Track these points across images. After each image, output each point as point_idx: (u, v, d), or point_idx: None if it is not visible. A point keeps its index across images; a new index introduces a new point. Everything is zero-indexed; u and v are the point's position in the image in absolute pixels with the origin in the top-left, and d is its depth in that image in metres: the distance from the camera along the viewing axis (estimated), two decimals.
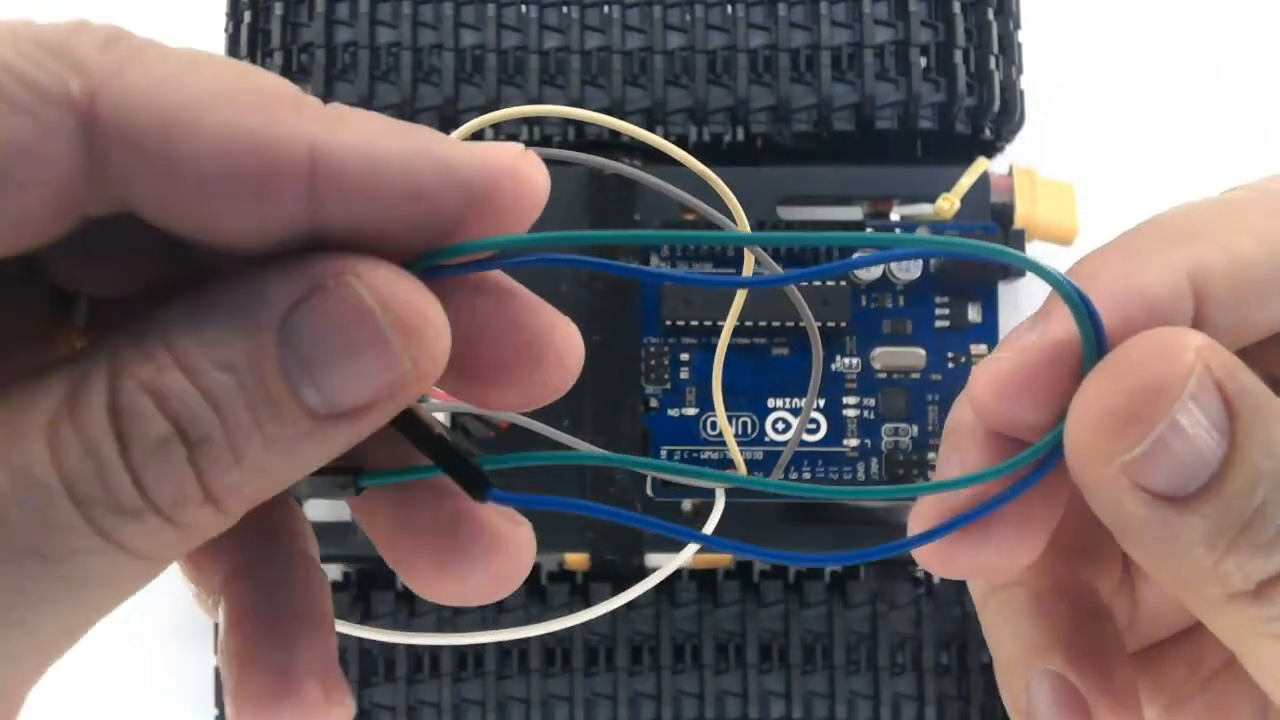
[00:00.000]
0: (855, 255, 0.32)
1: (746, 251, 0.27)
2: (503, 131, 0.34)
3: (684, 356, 0.32)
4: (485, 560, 0.16)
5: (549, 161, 0.20)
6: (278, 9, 0.34)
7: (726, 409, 0.31)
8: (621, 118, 0.30)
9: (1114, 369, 0.15)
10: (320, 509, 0.33)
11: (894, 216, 0.34)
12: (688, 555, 0.21)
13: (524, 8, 0.34)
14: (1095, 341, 0.15)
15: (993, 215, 0.33)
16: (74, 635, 0.14)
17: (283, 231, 0.13)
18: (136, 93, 0.12)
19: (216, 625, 0.16)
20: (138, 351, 0.13)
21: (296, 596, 0.16)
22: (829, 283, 0.32)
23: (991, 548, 0.16)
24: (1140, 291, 0.15)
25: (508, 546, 0.16)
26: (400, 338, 0.13)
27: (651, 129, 0.33)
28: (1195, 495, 0.14)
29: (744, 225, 0.20)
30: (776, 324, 0.31)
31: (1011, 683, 0.18)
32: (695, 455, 0.32)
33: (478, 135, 0.32)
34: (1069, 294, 0.15)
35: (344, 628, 0.19)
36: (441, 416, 0.30)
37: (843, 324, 0.32)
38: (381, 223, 0.13)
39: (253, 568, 0.16)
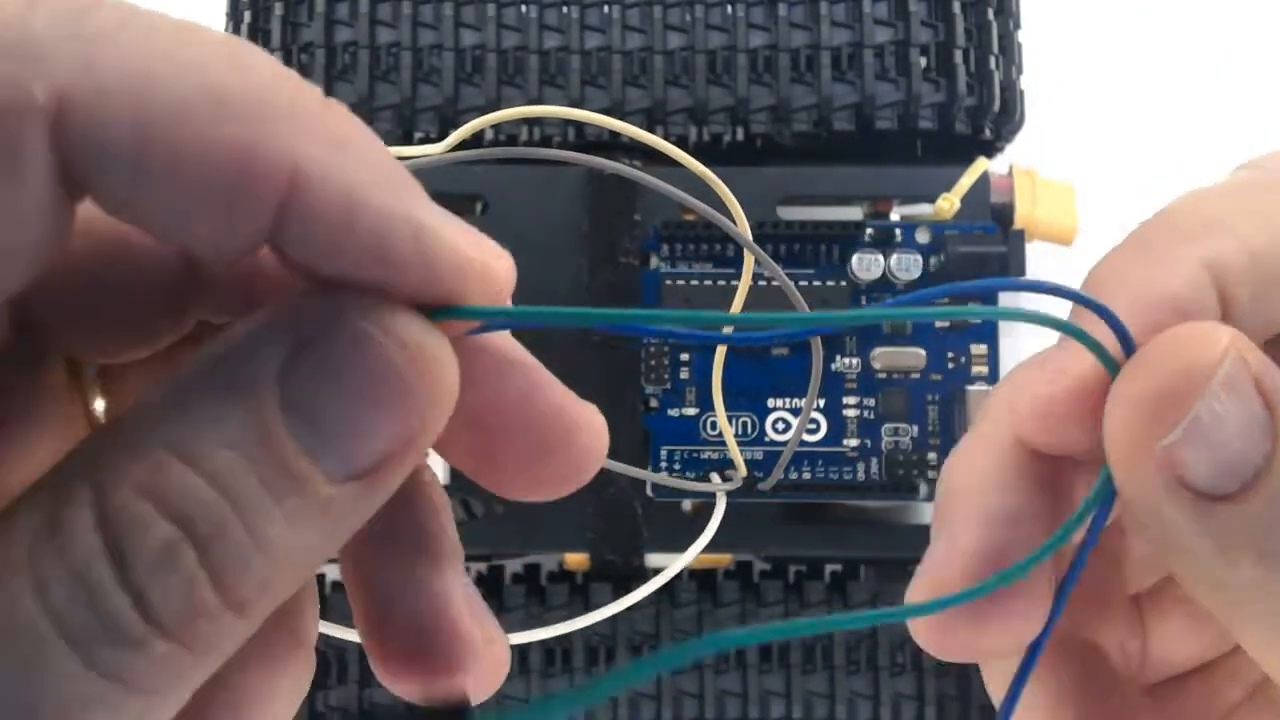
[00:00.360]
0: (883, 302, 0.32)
1: (746, 253, 0.27)
2: (503, 131, 0.34)
3: (684, 356, 0.32)
4: (453, 674, 0.14)
5: (549, 162, 0.20)
6: (278, 9, 0.34)
7: (726, 409, 0.31)
8: (621, 118, 0.30)
9: (1146, 359, 0.14)
10: None
11: (894, 217, 0.34)
12: (690, 556, 0.21)
13: (524, 8, 0.34)
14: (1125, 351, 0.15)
15: (993, 215, 0.33)
16: None
17: (249, 240, 0.12)
18: (109, 94, 0.11)
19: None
20: (123, 451, 0.11)
21: (418, 519, 0.15)
22: (829, 283, 0.32)
23: (996, 627, 0.15)
24: (1164, 295, 0.15)
25: (478, 664, 0.14)
26: (407, 378, 0.12)
27: (651, 129, 0.33)
28: (1239, 494, 0.14)
29: (743, 225, 0.20)
30: None
31: None
32: (695, 455, 0.32)
33: (478, 136, 0.32)
34: (1096, 309, 0.14)
35: (347, 632, 0.19)
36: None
37: None
38: (340, 267, 0.12)
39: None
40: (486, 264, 0.13)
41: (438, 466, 0.31)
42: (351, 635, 0.20)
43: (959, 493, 0.16)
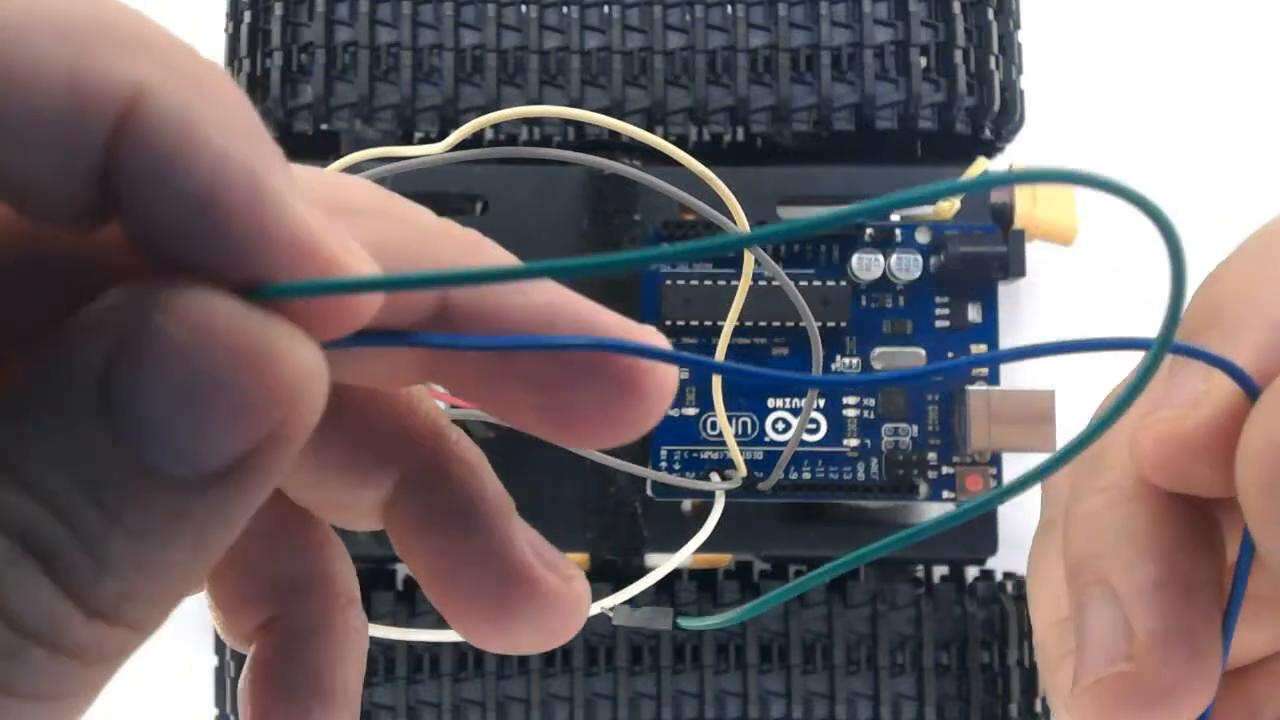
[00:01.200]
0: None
1: (746, 252, 0.27)
2: (503, 131, 0.34)
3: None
4: (539, 619, 0.14)
5: (549, 162, 0.20)
6: (278, 9, 0.34)
7: (726, 409, 0.31)
8: (621, 118, 0.30)
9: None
10: None
11: (894, 217, 0.34)
12: (688, 552, 0.21)
13: (524, 8, 0.34)
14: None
15: (993, 215, 0.33)
16: None
17: (83, 183, 0.10)
18: None
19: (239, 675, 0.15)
20: None
21: (322, 666, 0.15)
22: (829, 282, 0.32)
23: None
24: None
25: (561, 604, 0.15)
26: (243, 375, 0.10)
27: (651, 129, 0.33)
28: None
29: (744, 225, 0.20)
30: (776, 324, 0.31)
31: (1072, 584, 0.15)
32: (695, 455, 0.32)
33: (478, 135, 0.32)
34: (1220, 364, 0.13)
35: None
36: None
37: (843, 324, 0.32)
38: (169, 228, 0.10)
39: (281, 622, 0.15)
40: (336, 256, 0.11)
41: None
42: (392, 633, 0.20)
43: (1103, 558, 0.15)
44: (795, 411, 0.32)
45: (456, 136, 0.17)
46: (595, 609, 0.20)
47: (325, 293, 0.11)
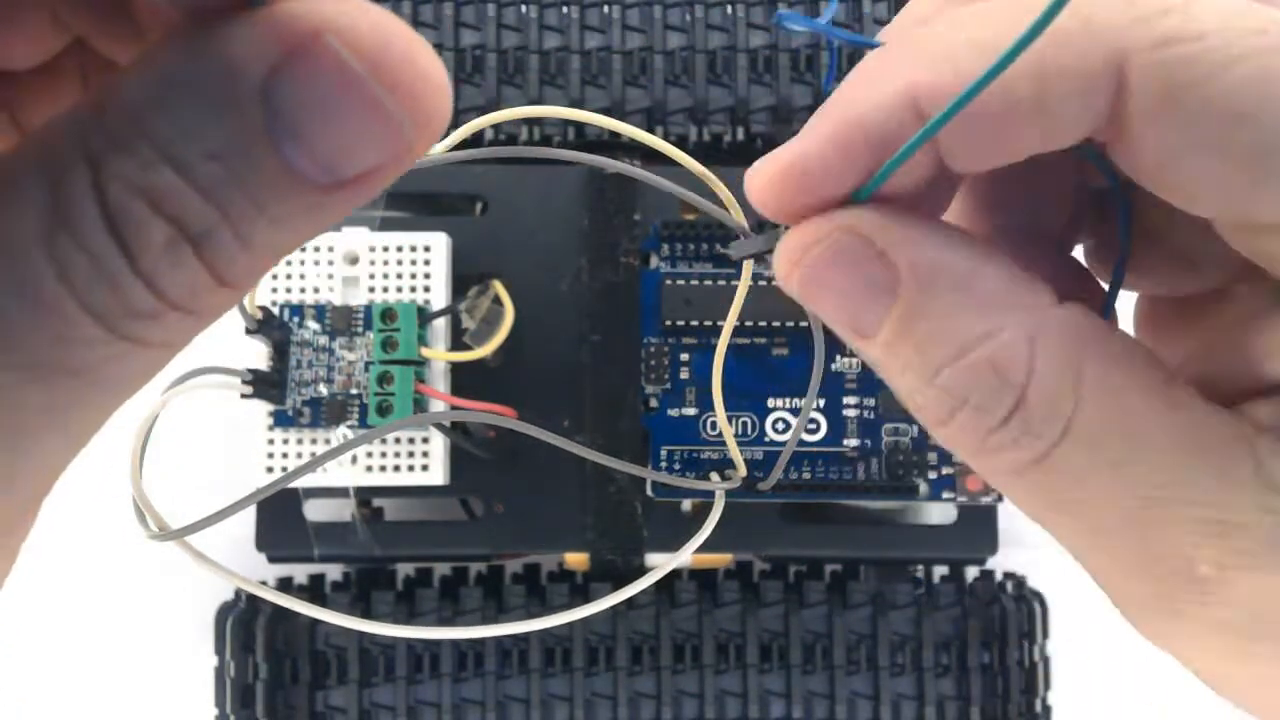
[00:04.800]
0: None
1: (745, 264, 0.27)
2: (503, 131, 0.34)
3: (684, 356, 0.32)
4: None
5: (549, 162, 0.20)
6: None
7: (726, 409, 0.31)
8: (621, 118, 0.30)
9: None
10: (319, 510, 0.33)
11: None
12: (688, 551, 0.21)
13: (524, 8, 0.34)
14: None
15: None
16: (102, 422, 0.13)
17: None
18: None
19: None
20: (113, 144, 0.12)
21: None
22: None
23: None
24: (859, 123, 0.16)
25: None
26: (395, 97, 0.12)
27: (651, 129, 0.33)
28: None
29: (742, 223, 0.20)
30: (776, 324, 0.31)
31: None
32: (695, 455, 0.32)
33: (477, 135, 0.32)
34: None
35: (346, 621, 0.19)
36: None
37: None
38: None
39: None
40: None
41: (437, 466, 0.31)
42: (391, 630, 0.20)
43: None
44: (795, 411, 0.32)
45: (456, 136, 0.17)
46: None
47: None
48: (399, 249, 0.31)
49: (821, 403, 0.32)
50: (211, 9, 0.12)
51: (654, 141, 0.19)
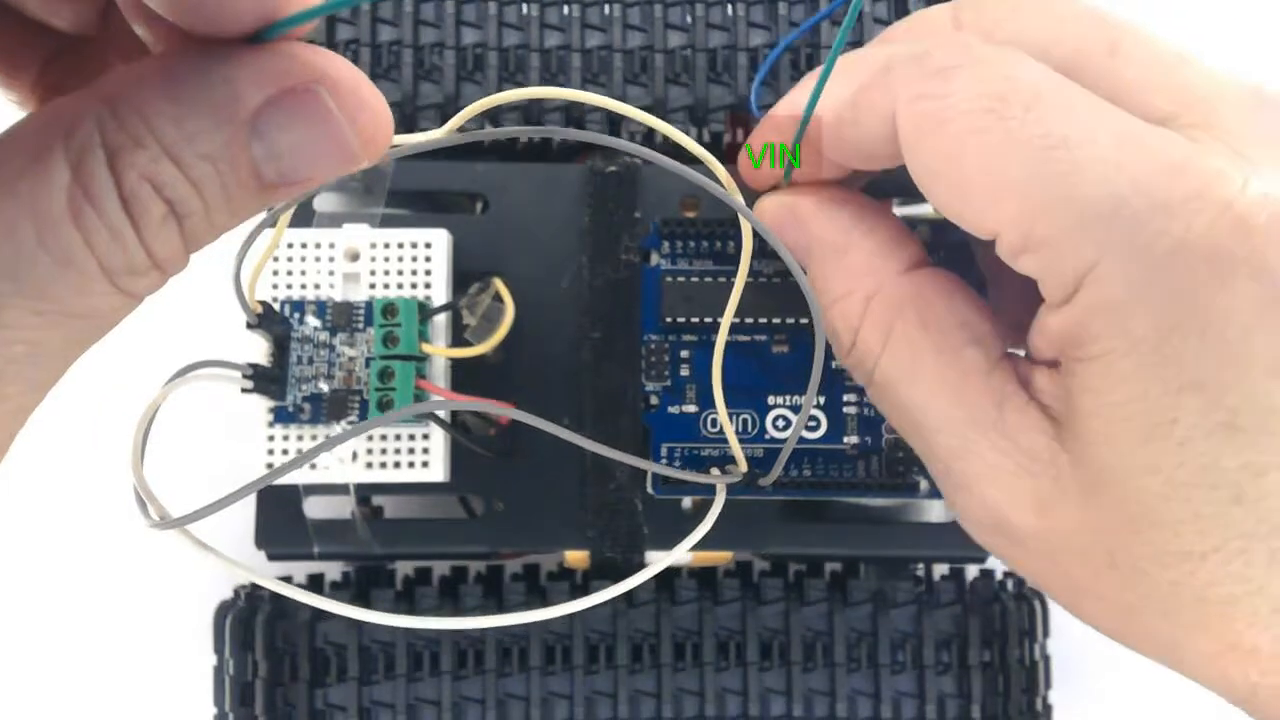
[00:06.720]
0: None
1: (744, 246, 0.27)
2: (505, 125, 0.34)
3: (684, 354, 0.32)
4: None
5: (549, 160, 0.20)
6: None
7: (727, 406, 0.31)
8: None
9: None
10: (319, 507, 0.33)
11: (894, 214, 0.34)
12: (688, 545, 0.21)
13: (525, 6, 0.35)
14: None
15: None
16: (81, 352, 0.17)
17: None
18: None
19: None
20: (127, 137, 0.15)
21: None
22: None
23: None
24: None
25: None
26: (360, 139, 0.16)
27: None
28: None
29: (742, 203, 0.20)
30: (777, 321, 0.31)
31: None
32: (696, 452, 0.32)
33: (482, 118, 0.32)
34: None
35: (347, 611, 0.19)
36: (441, 414, 0.30)
37: None
38: None
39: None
40: None
41: (438, 463, 0.31)
42: (392, 620, 0.20)
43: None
44: (796, 409, 0.32)
45: (457, 120, 0.17)
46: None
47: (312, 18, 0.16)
48: (400, 245, 0.31)
49: (822, 400, 0.32)
50: (222, 38, 0.15)
51: (656, 123, 0.19)
